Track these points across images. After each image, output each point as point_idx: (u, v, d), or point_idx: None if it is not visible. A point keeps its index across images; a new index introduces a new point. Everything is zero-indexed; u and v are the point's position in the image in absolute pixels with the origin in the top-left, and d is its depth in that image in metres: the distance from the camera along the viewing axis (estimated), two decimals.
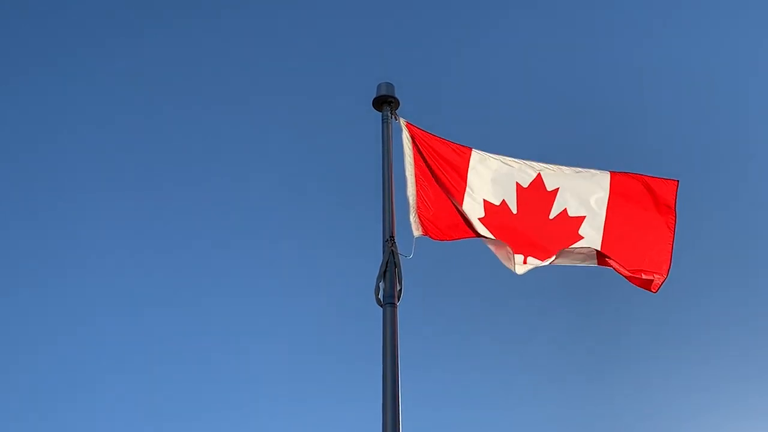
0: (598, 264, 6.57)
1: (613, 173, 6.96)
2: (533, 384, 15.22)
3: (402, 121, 6.96)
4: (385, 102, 6.98)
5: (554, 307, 15.48)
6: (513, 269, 6.46)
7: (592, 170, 6.96)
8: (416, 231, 6.42)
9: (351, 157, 15.44)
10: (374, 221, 6.41)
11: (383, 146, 6.80)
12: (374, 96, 7.01)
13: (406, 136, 6.90)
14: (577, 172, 6.97)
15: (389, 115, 6.94)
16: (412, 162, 6.78)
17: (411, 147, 6.84)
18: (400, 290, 5.98)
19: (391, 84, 7.08)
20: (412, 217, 6.47)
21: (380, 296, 5.95)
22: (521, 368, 15.09)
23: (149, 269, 16.48)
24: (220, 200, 16.82)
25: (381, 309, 5.90)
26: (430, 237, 6.51)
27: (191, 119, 17.19)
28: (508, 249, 6.35)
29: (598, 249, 6.57)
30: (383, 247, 6.19)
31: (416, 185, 6.61)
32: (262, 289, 16.11)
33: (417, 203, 6.55)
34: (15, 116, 17.30)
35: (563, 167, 7.01)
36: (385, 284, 5.99)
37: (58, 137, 17.21)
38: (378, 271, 6.03)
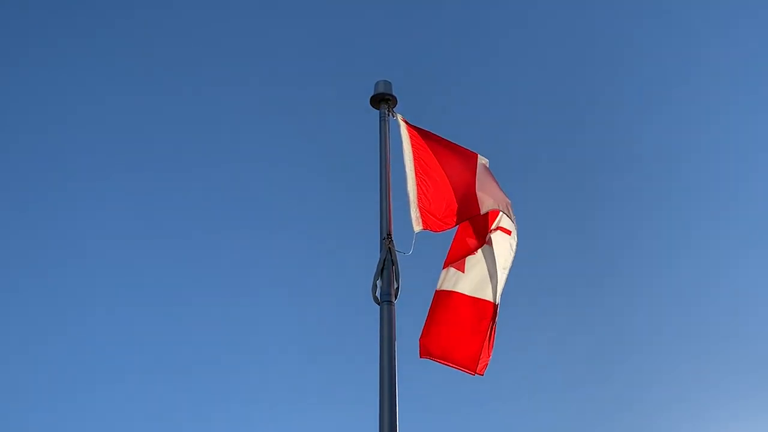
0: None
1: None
2: (532, 383, 15.23)
3: (399, 117, 6.95)
4: (383, 100, 6.97)
5: (554, 307, 15.49)
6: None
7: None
8: (417, 226, 6.38)
9: (348, 154, 15.45)
10: (372, 219, 6.40)
11: (380, 144, 6.78)
12: (372, 94, 7.01)
13: (404, 131, 6.88)
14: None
15: (387, 112, 6.93)
16: (411, 156, 6.75)
17: (409, 141, 6.82)
18: (398, 288, 5.97)
19: (389, 82, 7.07)
20: (413, 212, 6.42)
21: (377, 294, 5.94)
22: (520, 367, 15.10)
23: (146, 269, 16.49)
24: (219, 198, 16.83)
25: (378, 307, 5.89)
26: (431, 230, 6.49)
27: (187, 114, 17.21)
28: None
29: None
30: (380, 244, 6.18)
31: (416, 179, 6.59)
32: (259, 287, 16.11)
33: (418, 196, 6.52)
34: (10, 112, 17.31)
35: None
36: (382, 282, 5.98)
37: (53, 131, 17.24)
38: (375, 269, 6.02)
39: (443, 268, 6.80)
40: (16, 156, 17.22)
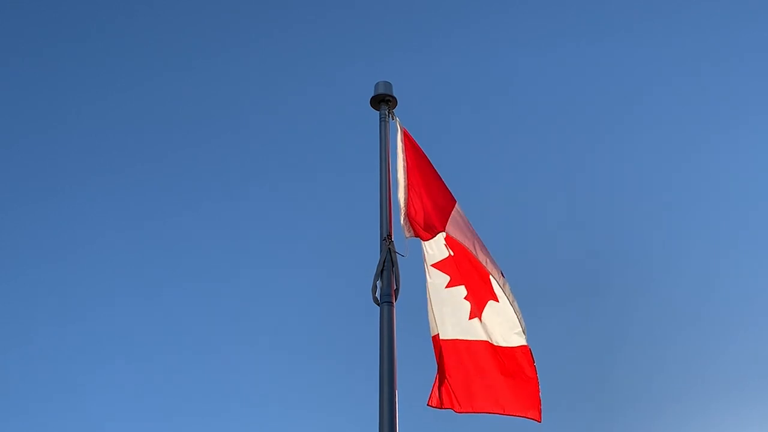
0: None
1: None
2: None
3: (398, 122, 6.95)
4: (383, 101, 6.98)
5: (553, 308, 15.49)
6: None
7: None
8: (407, 233, 6.35)
9: (348, 155, 15.46)
10: (371, 220, 6.41)
11: (380, 145, 6.79)
12: (372, 94, 7.01)
13: (400, 137, 6.86)
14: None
15: (387, 113, 6.95)
16: (404, 164, 6.71)
17: (403, 149, 6.80)
18: (397, 289, 5.98)
19: (389, 83, 7.08)
20: (402, 220, 6.36)
21: (377, 295, 5.95)
22: None
23: (149, 266, 16.51)
24: (218, 198, 16.85)
25: (378, 308, 5.90)
26: (420, 239, 6.45)
27: (185, 112, 17.25)
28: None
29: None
30: (380, 245, 6.19)
31: (407, 189, 6.53)
32: (258, 287, 16.12)
33: (407, 205, 6.43)
34: (11, 110, 17.36)
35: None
36: (382, 283, 5.99)
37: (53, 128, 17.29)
38: (375, 270, 6.03)
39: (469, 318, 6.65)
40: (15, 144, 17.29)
